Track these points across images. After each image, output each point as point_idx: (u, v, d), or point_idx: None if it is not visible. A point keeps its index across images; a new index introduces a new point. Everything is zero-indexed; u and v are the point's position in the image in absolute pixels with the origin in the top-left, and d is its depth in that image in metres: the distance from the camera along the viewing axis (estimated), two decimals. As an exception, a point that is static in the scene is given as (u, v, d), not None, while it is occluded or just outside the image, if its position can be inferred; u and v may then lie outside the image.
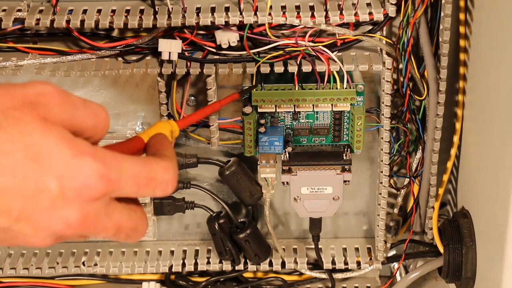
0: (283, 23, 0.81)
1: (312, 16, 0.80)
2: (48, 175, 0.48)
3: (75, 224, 0.50)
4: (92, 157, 0.49)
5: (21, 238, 0.50)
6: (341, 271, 0.96)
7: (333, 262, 0.95)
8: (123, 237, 0.54)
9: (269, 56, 0.82)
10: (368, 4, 0.82)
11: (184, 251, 0.97)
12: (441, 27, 0.80)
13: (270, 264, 0.95)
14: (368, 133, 0.91)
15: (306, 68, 0.82)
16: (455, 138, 0.86)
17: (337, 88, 0.83)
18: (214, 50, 0.83)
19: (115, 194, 0.51)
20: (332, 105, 0.84)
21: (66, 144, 0.49)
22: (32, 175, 0.48)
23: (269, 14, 0.80)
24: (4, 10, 0.81)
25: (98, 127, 0.53)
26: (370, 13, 0.81)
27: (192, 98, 0.89)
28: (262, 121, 0.86)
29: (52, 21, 0.80)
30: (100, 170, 0.49)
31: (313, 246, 0.94)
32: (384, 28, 0.83)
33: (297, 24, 0.81)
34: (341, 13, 0.80)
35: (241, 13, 0.80)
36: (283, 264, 0.95)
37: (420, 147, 0.88)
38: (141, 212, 0.55)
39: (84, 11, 0.81)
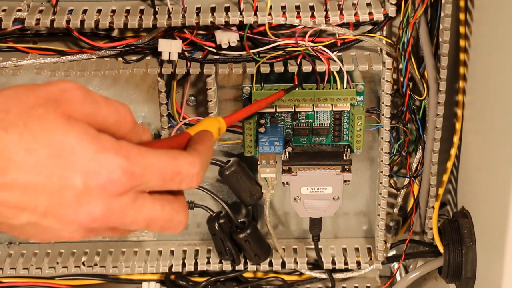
0: (283, 23, 0.81)
1: (312, 16, 0.80)
2: (72, 171, 0.49)
3: (101, 218, 0.50)
4: (115, 152, 0.50)
5: (50, 233, 0.52)
6: (341, 271, 0.96)
7: (333, 262, 0.95)
8: (157, 229, 0.54)
9: (269, 56, 0.82)
10: (368, 4, 0.82)
11: (184, 251, 0.97)
12: (441, 27, 0.80)
13: (270, 264, 0.95)
14: (368, 133, 0.91)
15: (306, 68, 0.82)
16: (455, 138, 0.86)
17: (337, 88, 0.83)
18: (214, 50, 0.83)
19: (141, 188, 0.52)
20: (332, 105, 0.84)
21: (89, 139, 0.50)
22: (56, 172, 0.49)
23: (269, 14, 0.80)
24: (4, 10, 0.81)
25: (121, 123, 0.53)
26: (370, 13, 0.81)
27: (192, 98, 0.89)
28: (262, 121, 0.86)
29: (52, 21, 0.80)
30: (123, 165, 0.50)
31: (313, 246, 0.94)
32: (384, 28, 0.83)
33: (297, 24, 0.81)
34: (341, 13, 0.80)
35: (241, 13, 0.80)
36: (283, 264, 0.95)
37: (420, 147, 0.88)
38: (178, 203, 0.55)
39: (84, 11, 0.81)
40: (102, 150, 0.50)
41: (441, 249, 0.87)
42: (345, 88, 0.83)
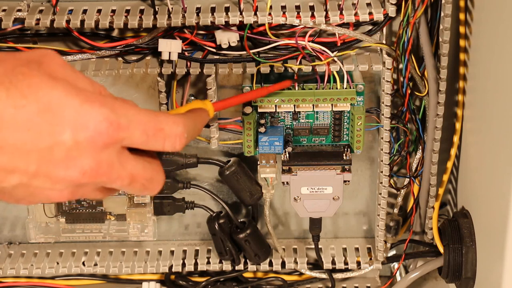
0: (283, 23, 0.81)
1: (312, 16, 0.80)
2: (61, 125, 0.50)
3: (90, 172, 0.51)
4: (100, 104, 0.51)
5: (39, 193, 0.52)
6: (341, 271, 0.96)
7: (333, 262, 0.95)
8: (139, 187, 0.56)
9: (270, 60, 0.82)
10: (368, 4, 0.82)
11: (184, 251, 0.97)
12: (441, 27, 0.81)
13: (270, 264, 0.95)
14: (368, 133, 0.91)
15: (306, 68, 0.82)
16: (455, 138, 0.86)
17: (337, 88, 0.83)
18: (214, 50, 0.83)
19: (126, 142, 0.53)
20: (332, 105, 0.84)
21: (74, 93, 0.51)
22: (46, 127, 0.50)
23: (269, 14, 0.80)
24: (4, 10, 0.81)
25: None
26: (370, 13, 0.81)
27: (192, 98, 0.89)
28: (262, 121, 0.86)
29: (52, 21, 0.80)
30: (109, 116, 0.51)
31: (313, 246, 0.94)
32: (384, 28, 0.83)
33: (297, 24, 0.81)
34: (341, 13, 0.80)
35: (241, 13, 0.80)
36: (283, 264, 0.95)
37: (420, 147, 0.88)
38: (157, 164, 0.57)
39: (84, 11, 0.81)
40: (88, 101, 0.51)
41: (441, 249, 0.87)
42: (345, 88, 0.83)
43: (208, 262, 0.96)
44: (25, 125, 0.49)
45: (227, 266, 0.95)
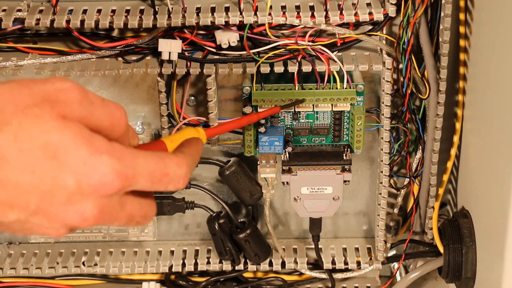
0: (283, 23, 0.81)
1: (312, 16, 0.80)
2: (66, 173, 0.49)
3: (91, 218, 0.51)
4: (108, 155, 0.50)
5: (36, 229, 0.52)
6: (341, 271, 0.96)
7: (333, 262, 0.95)
8: (133, 224, 0.56)
9: (270, 54, 0.82)
10: (368, 4, 0.82)
11: (184, 251, 0.97)
12: (441, 27, 0.81)
13: (270, 264, 0.95)
14: (368, 133, 0.91)
15: (306, 68, 0.82)
16: (455, 138, 0.86)
17: (337, 88, 0.83)
18: (214, 50, 0.83)
19: (130, 189, 0.52)
20: (332, 105, 0.84)
21: (83, 141, 0.50)
22: (50, 172, 0.49)
23: (269, 14, 0.80)
24: (4, 10, 0.81)
25: (114, 126, 0.53)
26: (370, 13, 0.81)
27: (192, 98, 0.89)
28: (262, 121, 0.86)
29: (52, 21, 0.80)
30: (116, 168, 0.50)
31: (313, 246, 0.94)
32: (384, 28, 0.83)
33: (297, 24, 0.81)
34: (341, 13, 0.80)
35: (241, 13, 0.80)
36: (283, 264, 0.95)
37: (420, 147, 0.88)
38: (151, 199, 0.56)
39: (84, 11, 0.81)
40: (96, 152, 0.50)
41: (441, 249, 0.87)
42: (345, 88, 0.83)
43: (208, 262, 0.96)
44: (29, 168, 0.48)
45: (227, 266, 0.95)
